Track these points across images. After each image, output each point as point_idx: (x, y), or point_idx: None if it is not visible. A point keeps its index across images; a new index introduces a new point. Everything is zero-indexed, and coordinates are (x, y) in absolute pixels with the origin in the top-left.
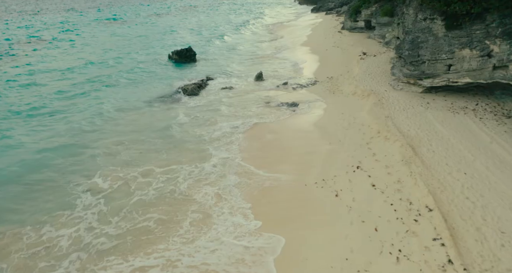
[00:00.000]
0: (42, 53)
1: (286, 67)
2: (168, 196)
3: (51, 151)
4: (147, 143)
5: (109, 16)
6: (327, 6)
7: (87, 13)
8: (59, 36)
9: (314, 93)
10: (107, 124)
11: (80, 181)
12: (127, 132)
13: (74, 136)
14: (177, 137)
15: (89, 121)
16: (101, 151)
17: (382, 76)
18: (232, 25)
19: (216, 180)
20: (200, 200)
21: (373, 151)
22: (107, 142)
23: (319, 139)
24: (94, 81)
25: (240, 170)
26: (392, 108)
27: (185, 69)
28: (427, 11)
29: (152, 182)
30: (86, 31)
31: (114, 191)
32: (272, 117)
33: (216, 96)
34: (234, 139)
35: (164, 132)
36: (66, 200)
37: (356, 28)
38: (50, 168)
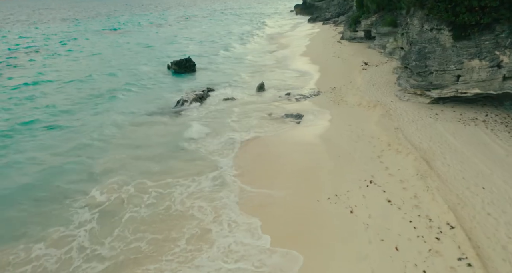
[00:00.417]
0: (41, 64)
1: (287, 78)
2: (163, 212)
3: (50, 164)
4: (143, 156)
5: (108, 26)
6: (323, 16)
7: (87, 23)
8: (59, 47)
9: (318, 104)
10: (104, 137)
11: (77, 196)
12: (125, 145)
13: (72, 150)
14: (175, 150)
15: (87, 134)
16: (99, 165)
17: (386, 87)
18: (230, 35)
19: (214, 195)
20: (199, 215)
21: (386, 164)
22: (105, 155)
23: (327, 152)
24: (92, 93)
25: (243, 184)
26: (401, 119)
27: (185, 80)
28: (434, 21)
29: (145, 197)
30: (86, 42)
31: (110, 205)
32: (277, 129)
33: (217, 108)
34: (236, 152)
35: (162, 145)
36: (63, 215)
37: (355, 38)
38: (49, 183)
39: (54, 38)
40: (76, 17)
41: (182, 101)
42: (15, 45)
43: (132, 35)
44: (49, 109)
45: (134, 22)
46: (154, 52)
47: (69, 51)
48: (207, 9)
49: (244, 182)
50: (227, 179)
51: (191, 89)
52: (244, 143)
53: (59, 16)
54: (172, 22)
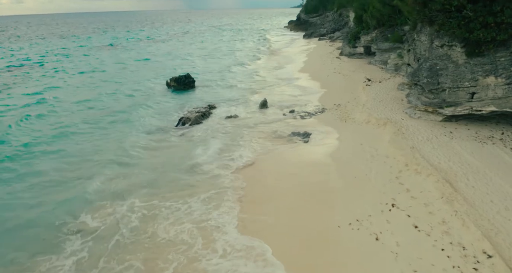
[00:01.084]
0: (36, 83)
1: (289, 94)
2: (147, 241)
3: (45, 185)
4: (141, 177)
5: (106, 42)
6: (319, 32)
7: (83, 39)
8: (57, 64)
9: (325, 122)
10: (102, 157)
11: (68, 219)
12: (123, 165)
13: (68, 171)
14: (174, 170)
15: (84, 155)
16: (94, 186)
17: (394, 103)
18: (228, 51)
19: (211, 217)
20: (189, 240)
21: (406, 186)
22: (101, 176)
23: (341, 172)
24: (89, 113)
25: (247, 206)
26: (415, 138)
27: (185, 97)
28: (445, 37)
29: (136, 221)
30: (83, 58)
31: (101, 231)
32: (284, 149)
33: (220, 126)
34: (239, 172)
35: (161, 165)
36: (52, 242)
37: (355, 54)
38: (41, 205)
39: (50, 55)
40: (72, 33)
41: (184, 120)
42: (14, 61)
43: (130, 51)
44: (45, 129)
45: (131, 38)
46: (152, 68)
47: (67, 70)
48: (204, 26)
49: (249, 204)
50: (229, 200)
51: (192, 107)
52: (249, 162)
53: (56, 31)
54: (169, 38)
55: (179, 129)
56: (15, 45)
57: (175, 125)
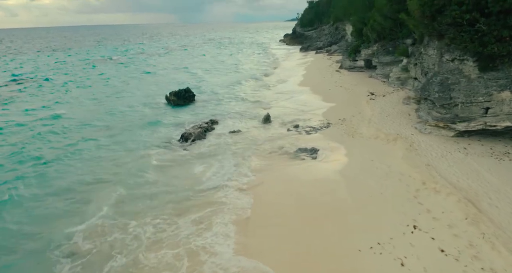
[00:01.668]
0: (31, 98)
1: (292, 108)
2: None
3: (42, 204)
4: (139, 195)
5: (104, 55)
6: (315, 45)
7: (81, 52)
8: (57, 77)
9: (331, 137)
10: (99, 176)
11: (62, 241)
12: (121, 184)
13: (65, 188)
14: (175, 190)
15: (81, 169)
16: (89, 205)
17: (401, 118)
18: (226, 65)
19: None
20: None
21: (426, 206)
22: (98, 194)
23: (355, 191)
24: (88, 126)
25: (253, 227)
26: (429, 154)
27: (186, 111)
28: (456, 51)
29: (131, 242)
30: (80, 72)
31: (93, 254)
32: (292, 165)
33: (224, 141)
34: (245, 191)
35: (161, 184)
36: (43, 265)
37: (355, 67)
38: (36, 224)
39: (50, 69)
40: (69, 47)
41: (187, 135)
42: (10, 76)
43: (130, 65)
44: (42, 149)
45: (130, 51)
46: (154, 82)
47: (64, 83)
48: (202, 39)
49: (254, 224)
50: (230, 220)
51: (193, 122)
52: (255, 180)
53: (53, 45)
54: (169, 51)
55: (181, 145)
56: (12, 59)
57: (177, 140)
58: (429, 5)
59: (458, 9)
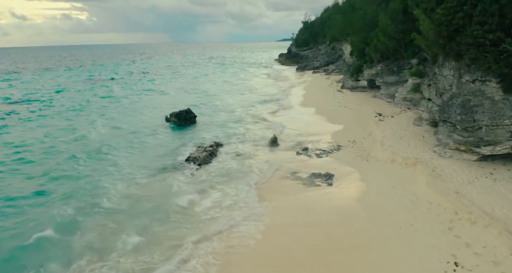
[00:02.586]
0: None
1: (298, 130)
2: None
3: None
4: (138, 227)
5: (98, 75)
6: (312, 65)
7: (74, 72)
8: (51, 97)
9: (344, 161)
10: (96, 200)
11: None
12: (121, 213)
13: (62, 219)
14: (182, 220)
15: (79, 199)
16: (81, 240)
17: (416, 140)
18: (224, 84)
19: None
20: None
21: (464, 240)
22: (91, 227)
23: (380, 222)
24: (86, 150)
25: (263, 266)
26: (455, 180)
27: (188, 133)
28: (477, 72)
29: None
30: (75, 92)
31: None
32: (307, 192)
33: (231, 166)
34: (256, 223)
35: (167, 215)
36: None
37: (357, 87)
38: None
39: (43, 89)
40: (67, 66)
41: (192, 159)
42: (16, 96)
43: (121, 84)
44: (37, 170)
45: (124, 70)
46: (149, 102)
47: (60, 105)
48: (201, 57)
49: (264, 262)
50: (237, 260)
51: (198, 144)
52: (268, 210)
53: (44, 65)
54: (160, 71)
55: (186, 169)
56: (13, 78)
57: (181, 164)
58: (446, 24)
59: (480, 28)
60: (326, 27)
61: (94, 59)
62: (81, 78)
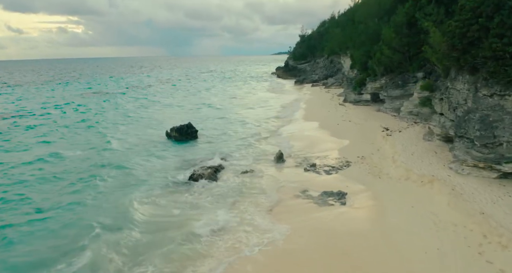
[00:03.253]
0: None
1: (303, 145)
2: None
3: None
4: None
5: (95, 88)
6: (310, 78)
7: (71, 85)
8: (46, 112)
9: (355, 178)
10: (95, 221)
11: None
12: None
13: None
14: (188, 243)
15: (80, 220)
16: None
17: (429, 156)
18: (225, 97)
19: None
20: None
21: (498, 266)
22: (92, 249)
23: (404, 247)
24: (85, 163)
25: None
26: (478, 200)
27: (189, 148)
28: (495, 86)
29: None
30: (70, 106)
31: None
32: (320, 213)
33: (238, 184)
34: (270, 246)
35: (171, 240)
36: None
37: (360, 101)
38: None
39: (39, 103)
40: (59, 80)
41: (196, 176)
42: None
43: (118, 98)
44: (40, 188)
45: (121, 84)
46: (150, 116)
47: (57, 118)
48: (202, 70)
49: None
50: None
51: (200, 160)
52: (282, 233)
53: (41, 78)
54: (162, 84)
55: (190, 188)
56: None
57: (185, 183)
58: (460, 37)
59: (499, 41)
60: (323, 41)
61: (90, 72)
62: (79, 92)
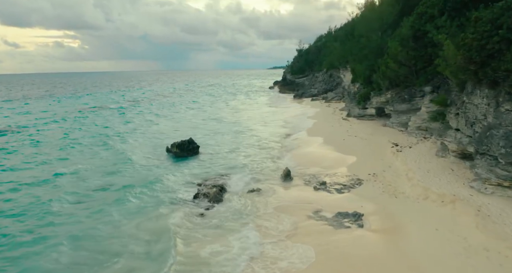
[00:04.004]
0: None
1: (310, 161)
2: None
3: None
4: None
5: (94, 102)
6: (310, 92)
7: (70, 99)
8: (44, 127)
9: (369, 198)
10: (94, 249)
11: None
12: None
13: None
14: None
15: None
16: None
17: (446, 174)
18: (225, 112)
19: None
20: None
21: None
22: None
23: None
24: (83, 183)
25: None
26: (508, 222)
27: (191, 165)
28: None
29: None
30: (67, 122)
31: None
32: (337, 236)
33: (245, 203)
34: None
35: None
36: None
37: (365, 116)
38: None
39: (35, 117)
40: (59, 93)
41: (201, 196)
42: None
43: (113, 113)
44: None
45: (119, 98)
46: (144, 132)
47: (54, 133)
48: (203, 84)
49: None
50: None
51: (203, 178)
52: (300, 261)
53: (39, 92)
54: (152, 99)
55: (196, 208)
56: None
57: (189, 202)
58: (478, 49)
59: None
60: (321, 55)
61: (88, 86)
62: (77, 106)
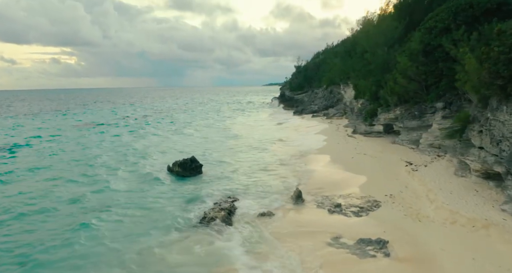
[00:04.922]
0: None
1: (321, 181)
2: None
3: None
4: None
5: (91, 119)
6: (310, 109)
7: (56, 116)
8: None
9: (391, 221)
10: None
11: None
12: None
13: None
14: None
15: None
16: None
17: (470, 195)
18: (231, 129)
19: None
20: None
21: None
22: None
23: None
24: (80, 205)
25: None
26: None
27: (194, 185)
28: None
29: None
30: (61, 138)
31: None
32: (363, 267)
33: (255, 229)
34: None
35: None
36: None
37: (372, 132)
38: None
39: (30, 134)
40: (55, 109)
41: (208, 219)
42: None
43: (112, 130)
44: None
45: (118, 116)
46: (146, 150)
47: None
48: (204, 100)
49: None
50: None
51: (208, 199)
52: None
53: (34, 108)
54: (167, 115)
55: (204, 231)
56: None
57: (196, 226)
58: (507, 63)
59: None
60: (320, 71)
61: (86, 103)
62: (74, 123)
